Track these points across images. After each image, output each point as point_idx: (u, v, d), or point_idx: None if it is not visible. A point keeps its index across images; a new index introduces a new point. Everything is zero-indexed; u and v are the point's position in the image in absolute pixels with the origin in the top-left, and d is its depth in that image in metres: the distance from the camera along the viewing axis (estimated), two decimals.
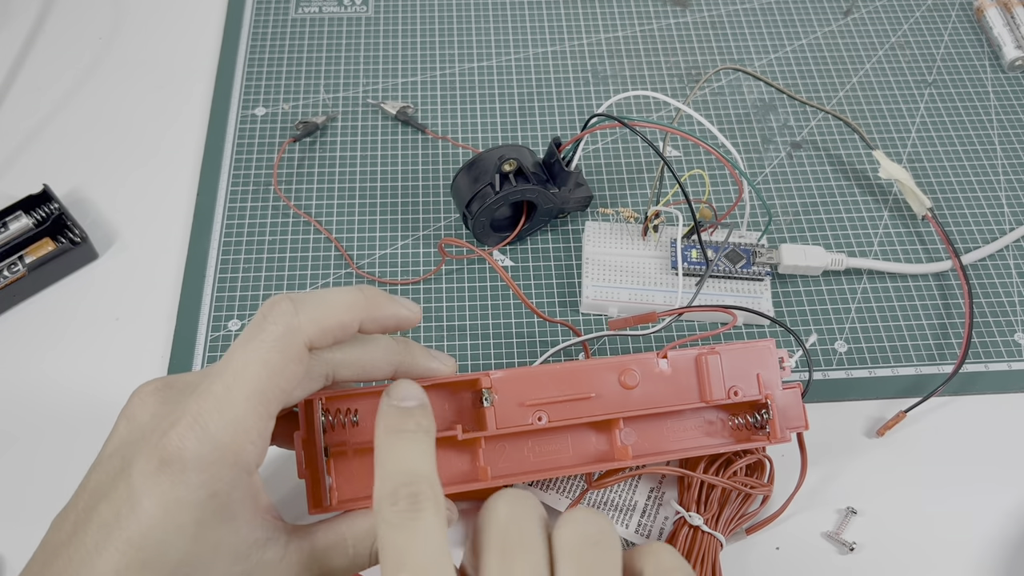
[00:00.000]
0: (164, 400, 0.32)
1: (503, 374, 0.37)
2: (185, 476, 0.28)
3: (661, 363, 0.38)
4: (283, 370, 0.30)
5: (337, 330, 0.32)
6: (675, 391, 0.38)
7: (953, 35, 0.62)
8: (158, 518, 0.28)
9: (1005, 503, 0.43)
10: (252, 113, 0.56)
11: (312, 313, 0.31)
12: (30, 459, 0.44)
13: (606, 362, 0.38)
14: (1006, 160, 0.56)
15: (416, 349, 0.36)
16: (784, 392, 0.39)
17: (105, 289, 0.49)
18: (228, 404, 0.29)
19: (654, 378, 0.38)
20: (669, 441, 0.38)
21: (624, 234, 0.50)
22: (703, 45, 0.61)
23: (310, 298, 0.32)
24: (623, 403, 0.37)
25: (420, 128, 0.55)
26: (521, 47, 0.61)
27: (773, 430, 0.38)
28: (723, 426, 0.39)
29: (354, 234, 0.51)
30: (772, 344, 0.39)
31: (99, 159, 0.55)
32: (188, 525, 0.28)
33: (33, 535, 0.32)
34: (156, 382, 0.33)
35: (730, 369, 0.38)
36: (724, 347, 0.38)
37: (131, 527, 0.28)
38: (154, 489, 0.28)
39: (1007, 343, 0.48)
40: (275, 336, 0.31)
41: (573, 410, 0.37)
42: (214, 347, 0.47)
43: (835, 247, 0.52)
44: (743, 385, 0.38)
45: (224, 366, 0.31)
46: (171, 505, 0.28)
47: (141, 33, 0.61)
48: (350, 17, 0.62)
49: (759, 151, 0.56)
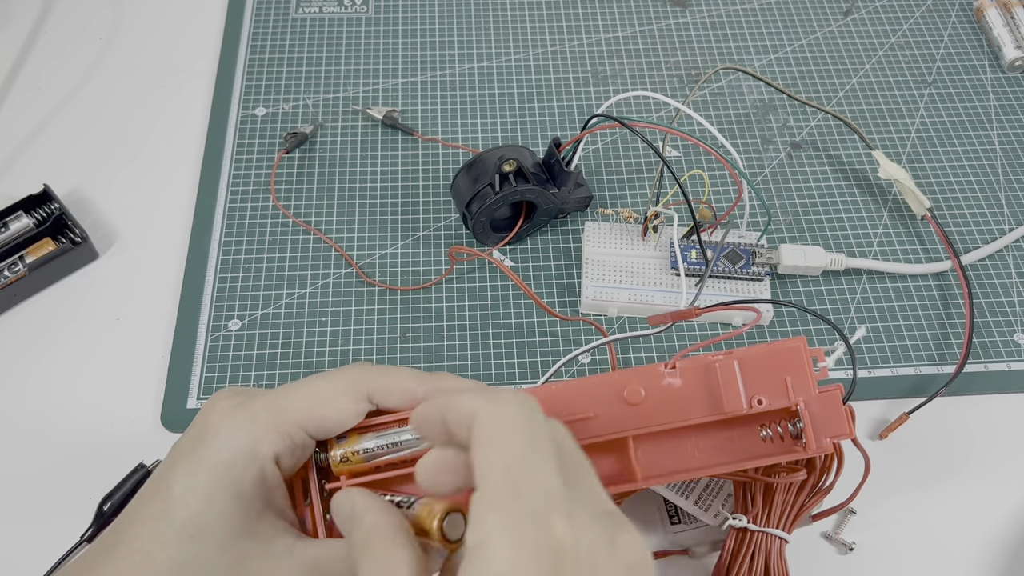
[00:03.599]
0: (232, 392, 0.34)
1: None
2: (214, 439, 0.31)
3: (669, 375, 0.34)
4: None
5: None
6: (687, 404, 0.34)
7: (953, 35, 0.62)
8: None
9: (1005, 503, 0.43)
10: (252, 113, 0.56)
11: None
12: (31, 459, 0.44)
13: (606, 378, 0.35)
14: (1005, 160, 0.56)
15: (443, 375, 0.36)
16: (820, 396, 0.34)
17: (106, 289, 0.49)
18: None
19: (662, 391, 0.34)
20: (691, 459, 0.34)
21: (624, 234, 0.50)
22: (703, 45, 0.61)
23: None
24: (627, 421, 0.34)
25: (408, 131, 0.55)
26: (521, 47, 0.61)
27: (808, 440, 0.33)
28: (753, 439, 0.35)
29: (354, 235, 0.51)
30: (802, 343, 0.34)
31: (99, 159, 0.55)
32: (203, 487, 0.31)
33: (34, 534, 0.32)
34: (229, 389, 0.35)
35: (752, 375, 0.34)
36: (743, 351, 0.34)
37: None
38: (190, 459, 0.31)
39: (1006, 343, 0.48)
40: None
41: (575, 430, 0.32)
42: (214, 347, 0.47)
43: (834, 247, 0.52)
44: (768, 392, 0.34)
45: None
46: (193, 464, 0.31)
47: (141, 33, 0.61)
48: (350, 17, 0.62)
49: (759, 151, 0.56)
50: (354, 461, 0.33)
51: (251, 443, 0.31)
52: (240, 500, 0.31)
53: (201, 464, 0.31)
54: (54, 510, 0.42)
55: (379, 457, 0.33)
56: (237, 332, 0.47)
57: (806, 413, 0.33)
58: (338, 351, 0.47)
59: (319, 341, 0.47)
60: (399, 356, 0.47)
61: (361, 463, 0.33)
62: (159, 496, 0.31)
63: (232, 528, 0.31)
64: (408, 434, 0.33)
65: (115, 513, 0.41)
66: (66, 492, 0.42)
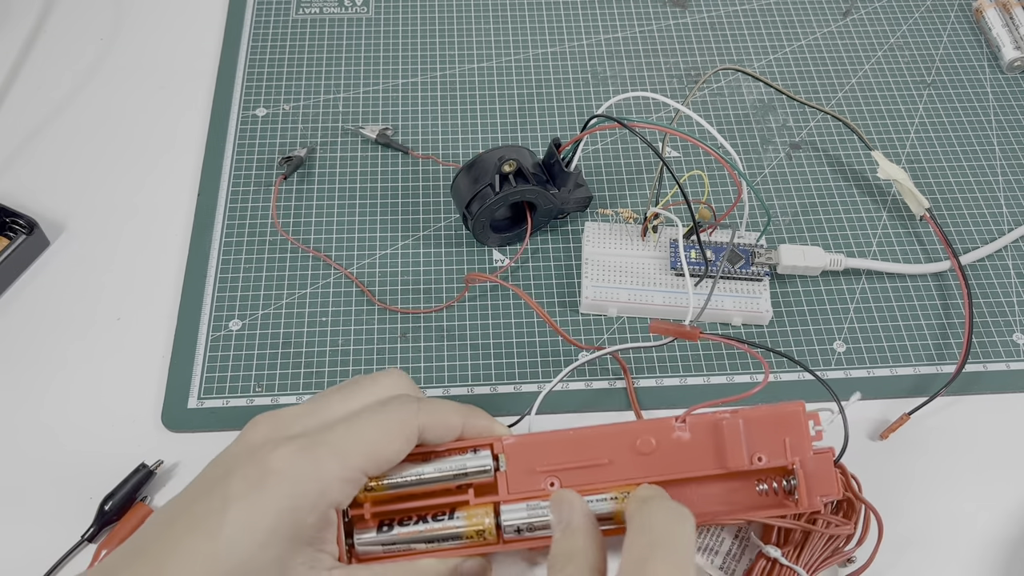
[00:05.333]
0: (275, 427, 0.34)
1: (515, 440, 0.36)
2: (279, 485, 0.31)
3: (679, 428, 0.36)
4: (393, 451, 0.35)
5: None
6: (693, 458, 0.36)
7: (952, 36, 0.63)
8: (240, 522, 0.31)
9: (1005, 503, 0.43)
10: (253, 114, 0.57)
11: None
12: (31, 459, 0.44)
13: (621, 427, 0.37)
14: (1004, 161, 0.56)
15: (476, 410, 0.38)
16: (815, 457, 0.36)
17: (106, 289, 0.49)
18: (343, 451, 0.33)
19: (671, 444, 0.36)
20: (693, 506, 0.36)
21: (623, 235, 0.50)
22: (702, 46, 0.62)
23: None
24: (638, 470, 0.36)
25: (402, 149, 0.55)
26: (521, 48, 0.61)
27: (801, 498, 0.36)
28: (750, 491, 0.37)
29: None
30: (801, 408, 0.37)
31: (100, 159, 0.55)
32: (263, 531, 0.31)
33: (35, 534, 0.32)
34: (268, 413, 0.35)
35: (754, 434, 0.36)
36: (749, 411, 0.36)
37: (214, 526, 0.31)
38: (246, 493, 0.31)
39: (1005, 343, 0.48)
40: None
41: (587, 476, 0.36)
42: (214, 347, 0.47)
43: (834, 247, 0.52)
44: (767, 451, 0.36)
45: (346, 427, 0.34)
46: (255, 509, 0.31)
47: (142, 33, 0.61)
48: (351, 18, 0.62)
49: (758, 152, 0.56)
50: (378, 490, 0.36)
51: (319, 492, 0.32)
52: (296, 543, 0.31)
53: (265, 510, 0.31)
54: (55, 510, 0.42)
55: (402, 488, 0.36)
56: (238, 332, 0.48)
57: (801, 473, 0.36)
58: (338, 351, 0.47)
59: (319, 341, 0.47)
60: (399, 356, 0.47)
61: (385, 492, 0.36)
62: (208, 533, 0.31)
63: (280, 568, 0.31)
64: (431, 470, 0.36)
65: (117, 513, 0.41)
66: (67, 492, 0.42)
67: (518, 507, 0.36)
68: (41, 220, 0.50)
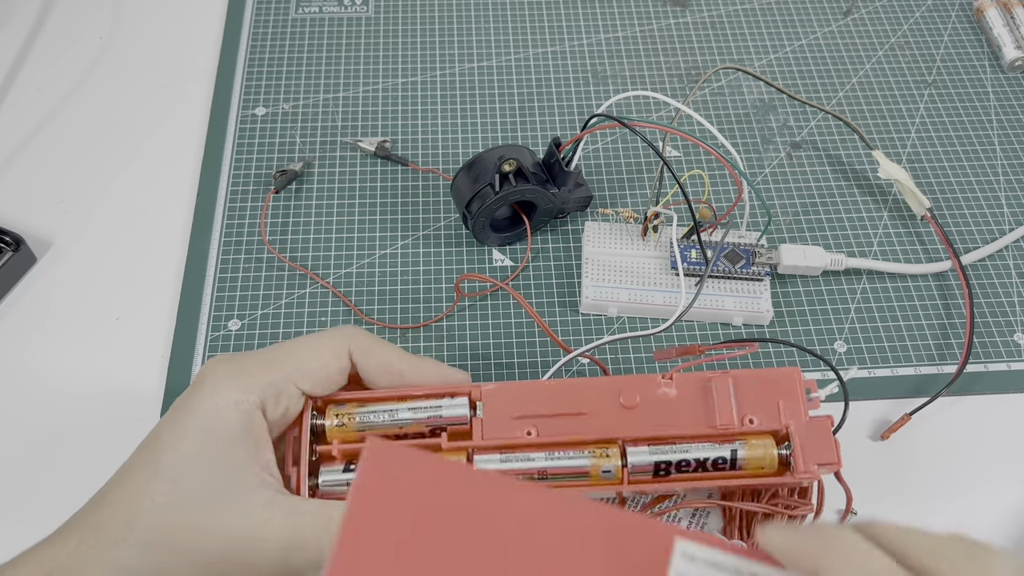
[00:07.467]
0: (225, 356, 0.35)
1: (495, 387, 0.35)
2: (202, 386, 0.33)
3: (664, 384, 0.35)
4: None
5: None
6: (680, 415, 0.35)
7: (953, 35, 0.62)
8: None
9: (1006, 503, 0.43)
10: (252, 113, 0.56)
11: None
12: (31, 461, 0.44)
13: (606, 380, 0.36)
14: (1005, 160, 0.56)
15: (427, 360, 0.37)
16: (811, 423, 0.34)
17: (106, 289, 0.49)
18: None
19: (656, 400, 0.35)
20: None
21: (624, 234, 0.50)
22: (703, 45, 0.61)
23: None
24: (620, 425, 0.35)
25: (401, 161, 0.54)
26: (521, 47, 0.61)
27: (796, 464, 0.34)
28: None
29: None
30: (797, 372, 0.35)
31: (100, 159, 0.55)
32: (193, 429, 0.32)
33: (35, 534, 0.32)
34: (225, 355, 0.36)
35: (746, 396, 0.35)
36: (739, 372, 0.35)
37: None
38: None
39: (1006, 343, 0.48)
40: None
41: (566, 427, 0.35)
42: (214, 347, 0.47)
43: (834, 247, 0.52)
44: (760, 413, 0.34)
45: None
46: (183, 410, 0.32)
47: (141, 33, 0.61)
48: (350, 17, 0.62)
49: (759, 151, 0.56)
50: (349, 427, 0.35)
51: (239, 391, 0.33)
52: (227, 447, 0.32)
53: (190, 411, 0.32)
54: (55, 510, 0.42)
55: (374, 428, 0.35)
56: (237, 332, 0.47)
57: (796, 437, 0.34)
58: None
59: None
60: None
61: (355, 431, 0.35)
62: (147, 446, 0.32)
63: (217, 474, 0.31)
64: (406, 411, 0.35)
65: None
66: (67, 491, 0.42)
67: (491, 458, 0.34)
68: (41, 220, 0.50)
